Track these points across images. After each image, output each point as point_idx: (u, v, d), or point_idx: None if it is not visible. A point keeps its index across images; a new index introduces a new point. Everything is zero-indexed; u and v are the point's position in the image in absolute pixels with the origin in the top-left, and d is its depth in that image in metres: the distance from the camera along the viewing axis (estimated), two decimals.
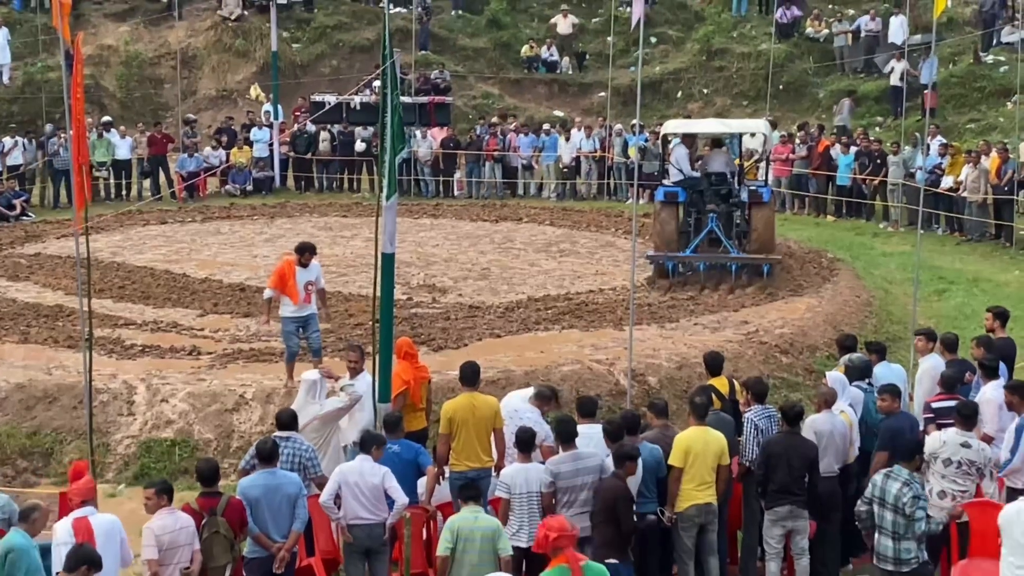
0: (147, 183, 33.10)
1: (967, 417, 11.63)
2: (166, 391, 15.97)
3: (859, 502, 10.88)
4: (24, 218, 29.78)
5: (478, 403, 12.11)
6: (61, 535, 10.09)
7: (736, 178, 23.61)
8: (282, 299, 16.17)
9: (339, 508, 11.17)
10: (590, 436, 11.46)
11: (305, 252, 16.31)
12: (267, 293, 16.54)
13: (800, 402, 13.40)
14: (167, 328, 19.30)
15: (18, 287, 22.30)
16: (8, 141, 31.54)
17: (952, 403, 12.27)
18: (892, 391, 12.35)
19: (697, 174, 23.71)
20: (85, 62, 30.65)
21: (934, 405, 12.67)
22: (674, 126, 25.79)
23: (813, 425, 11.97)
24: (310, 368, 14.73)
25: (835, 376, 12.93)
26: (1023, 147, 27.12)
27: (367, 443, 11.40)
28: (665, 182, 23.91)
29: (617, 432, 11.34)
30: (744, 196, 23.15)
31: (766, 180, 25.22)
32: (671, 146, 24.56)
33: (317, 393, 13.15)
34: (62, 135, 29.84)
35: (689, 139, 25.05)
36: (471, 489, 10.82)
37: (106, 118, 33.77)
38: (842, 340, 14.78)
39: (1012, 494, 11.36)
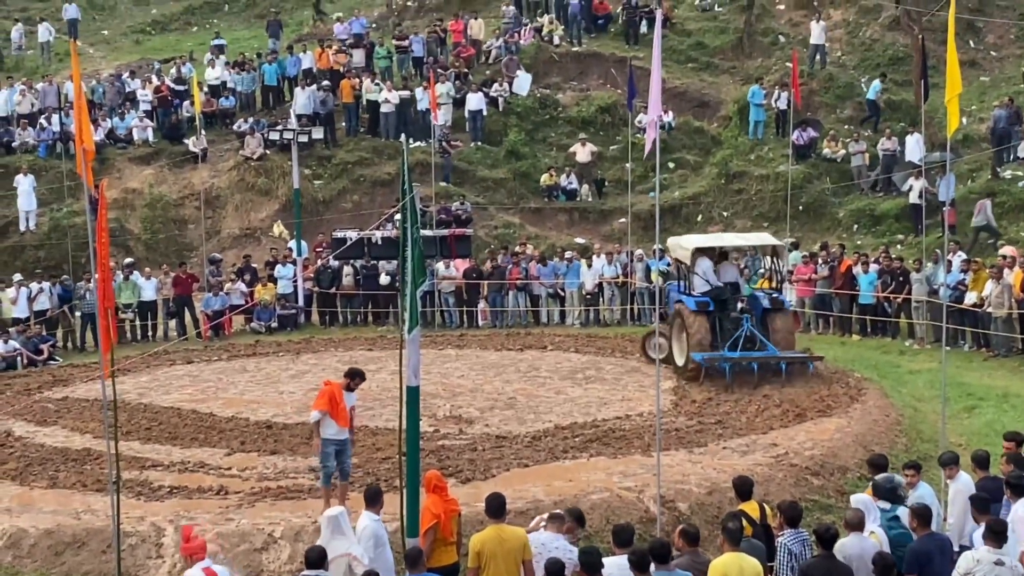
0: (173, 323, 33.30)
1: (998, 534, 11.46)
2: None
3: None
4: (51, 362, 29.98)
5: (506, 535, 12.00)
6: None
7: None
8: (327, 420, 16.17)
9: None
10: (619, 565, 11.33)
11: (356, 377, 16.59)
12: (315, 415, 16.39)
13: (833, 524, 13.23)
14: (194, 468, 19.23)
15: (46, 432, 22.30)
16: (35, 286, 31.88)
17: None
18: (919, 512, 12.20)
19: (720, 283, 25.10)
20: (110, 206, 31.14)
21: None
22: (696, 241, 26.49)
23: (842, 549, 11.81)
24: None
25: (859, 498, 12.82)
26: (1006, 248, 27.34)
27: None
28: (694, 293, 25.14)
29: (642, 561, 11.20)
30: (766, 303, 24.99)
31: (780, 289, 26.46)
32: (695, 259, 25.39)
33: (343, 528, 13.01)
34: (89, 279, 30.16)
35: (710, 252, 25.87)
36: None
37: (128, 260, 34.11)
38: (873, 460, 14.66)
39: None
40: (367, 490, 13.69)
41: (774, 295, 25.66)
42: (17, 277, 32.53)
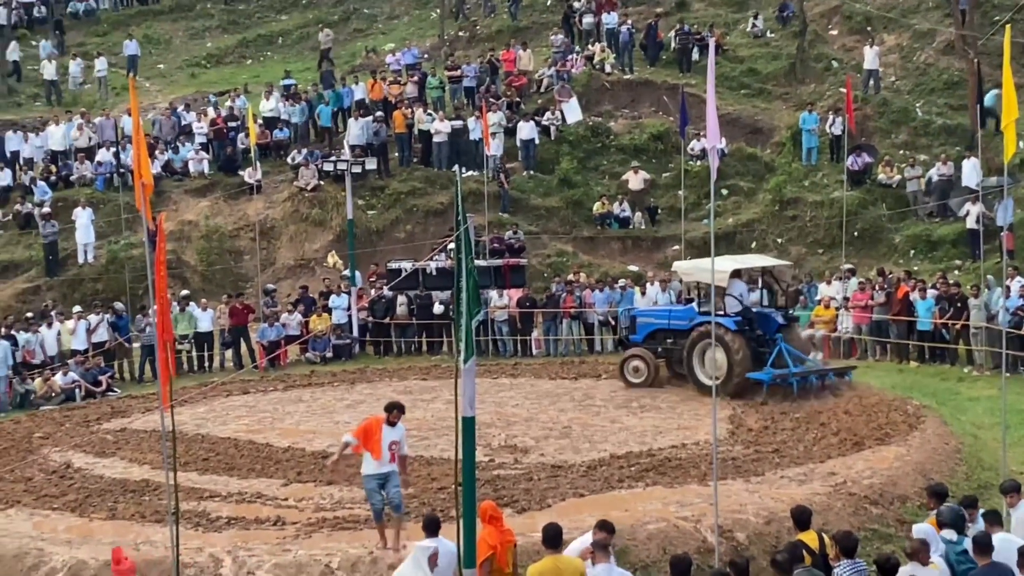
0: (229, 354, 33.51)
1: None
2: (252, 563, 15.91)
3: None
4: (110, 394, 30.21)
5: (563, 566, 11.96)
6: None
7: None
8: (364, 456, 16.17)
9: None
10: None
11: (394, 410, 16.41)
12: (346, 438, 16.54)
13: (894, 554, 13.09)
14: (252, 499, 19.29)
15: (105, 463, 22.46)
16: (93, 318, 32.18)
17: None
18: (978, 540, 12.06)
19: (748, 304, 26.69)
20: (167, 238, 31.40)
21: None
22: (725, 265, 26.92)
23: None
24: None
25: (922, 528, 12.68)
26: None
27: None
28: (730, 313, 26.26)
29: None
30: (780, 319, 26.65)
31: (785, 307, 28.07)
32: (731, 281, 26.38)
33: (425, 565, 12.90)
34: (146, 311, 30.45)
35: (738, 275, 26.91)
36: None
37: (185, 291, 34.37)
38: (934, 489, 14.51)
39: None
40: (426, 519, 13.75)
41: (788, 311, 27.71)
42: (76, 309, 32.86)
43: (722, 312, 26.08)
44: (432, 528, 13.45)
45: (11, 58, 50.78)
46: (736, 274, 26.49)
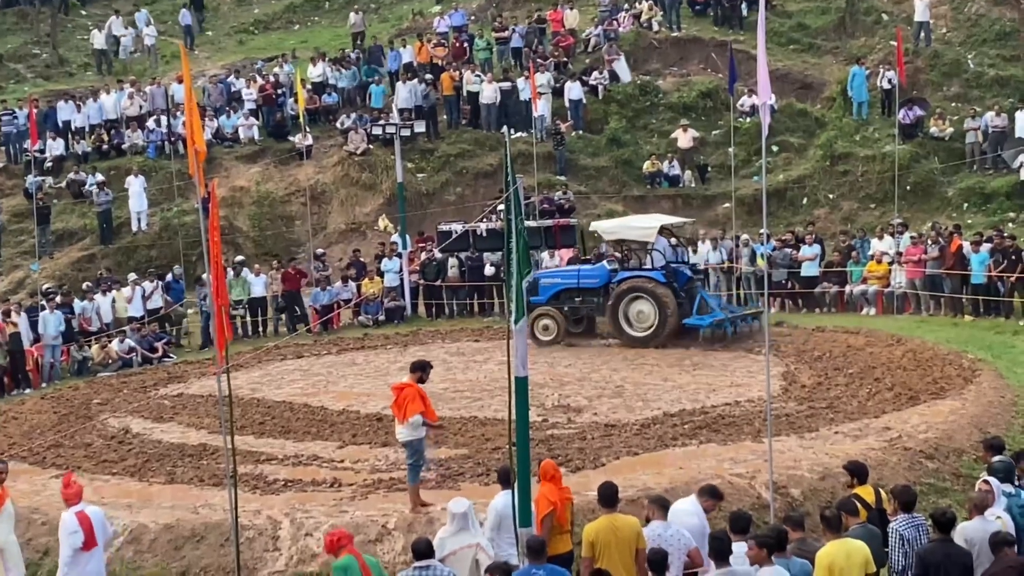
0: (283, 318, 33.71)
1: None
2: (310, 525, 16.08)
3: None
4: (166, 360, 30.52)
5: (619, 524, 11.99)
6: (69, 524, 13.44)
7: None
8: (416, 419, 16.12)
9: None
10: (737, 553, 11.29)
11: (428, 368, 16.66)
12: (418, 419, 16.18)
13: (950, 508, 13.04)
14: (308, 461, 19.46)
15: (163, 428, 22.74)
16: (148, 285, 32.46)
17: None
18: None
19: (672, 258, 28.85)
20: (219, 204, 31.58)
21: None
22: (652, 221, 29.41)
23: (963, 532, 11.63)
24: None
25: (995, 481, 12.62)
26: None
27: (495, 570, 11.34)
28: (658, 267, 28.28)
29: (763, 548, 11.14)
30: (688, 272, 28.65)
31: (687, 261, 30.07)
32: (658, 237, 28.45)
33: (469, 524, 13.02)
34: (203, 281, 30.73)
35: (668, 231, 29.26)
36: None
37: (239, 257, 34.58)
38: (990, 442, 14.44)
39: None
40: (500, 471, 13.86)
41: (694, 265, 29.93)
42: (132, 276, 33.16)
43: (649, 267, 28.36)
44: (505, 479, 13.52)
45: (115, 32, 50.78)
46: (661, 231, 28.25)
